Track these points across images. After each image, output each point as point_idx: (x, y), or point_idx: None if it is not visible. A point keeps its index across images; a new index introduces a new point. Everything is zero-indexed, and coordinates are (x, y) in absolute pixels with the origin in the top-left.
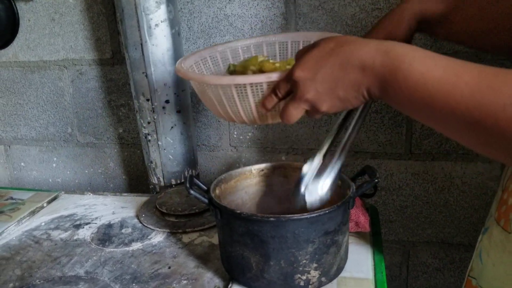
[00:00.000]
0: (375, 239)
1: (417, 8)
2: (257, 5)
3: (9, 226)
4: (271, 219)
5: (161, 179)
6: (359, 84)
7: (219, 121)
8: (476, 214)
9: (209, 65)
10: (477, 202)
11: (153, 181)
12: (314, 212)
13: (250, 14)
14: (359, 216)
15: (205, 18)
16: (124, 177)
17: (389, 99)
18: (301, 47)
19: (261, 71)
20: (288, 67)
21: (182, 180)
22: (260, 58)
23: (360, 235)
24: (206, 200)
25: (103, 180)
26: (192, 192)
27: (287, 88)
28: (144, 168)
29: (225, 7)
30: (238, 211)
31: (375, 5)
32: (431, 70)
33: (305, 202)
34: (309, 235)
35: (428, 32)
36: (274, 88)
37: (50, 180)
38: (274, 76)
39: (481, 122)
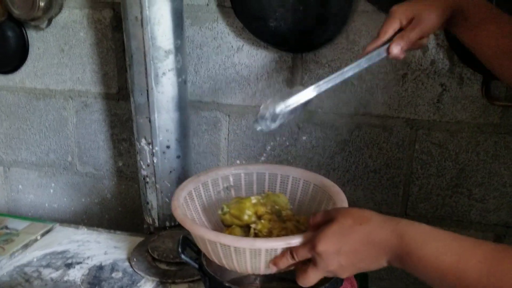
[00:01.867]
0: None
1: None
2: (265, 57)
3: (1, 260)
4: None
5: (156, 220)
6: (380, 259)
7: (218, 165)
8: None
9: (200, 194)
10: None
11: (148, 221)
12: None
13: (257, 65)
14: (347, 286)
15: (213, 65)
16: (120, 209)
17: (409, 271)
18: (278, 180)
19: (256, 215)
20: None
21: (177, 223)
22: (253, 201)
23: None
24: (196, 266)
25: (99, 211)
26: (183, 257)
27: (307, 257)
28: (140, 203)
29: (233, 55)
30: (227, 284)
31: (381, 69)
32: (443, 254)
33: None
34: None
35: (454, 28)
36: (291, 251)
37: (47, 205)
38: (293, 242)
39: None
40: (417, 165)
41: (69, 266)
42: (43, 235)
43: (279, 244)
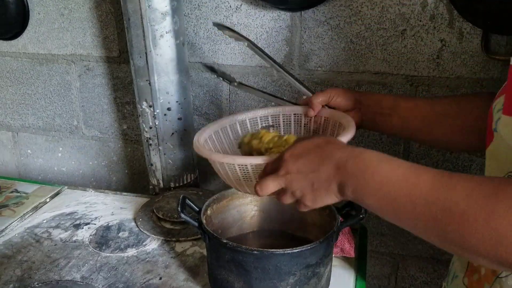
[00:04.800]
0: (359, 264)
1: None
2: (263, 16)
3: (12, 222)
4: (255, 252)
5: (161, 181)
6: (331, 179)
7: None
8: None
9: (228, 134)
10: None
11: (153, 182)
12: (297, 247)
13: (256, 24)
14: (344, 243)
15: (211, 25)
16: (126, 171)
17: (358, 196)
18: (312, 120)
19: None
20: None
21: (181, 183)
22: (265, 135)
23: (345, 258)
24: (196, 224)
25: (106, 173)
26: (183, 215)
27: (275, 166)
28: (146, 165)
29: (232, 15)
30: (224, 241)
31: (380, 25)
32: (395, 169)
33: None
34: (291, 268)
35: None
36: (266, 165)
37: (56, 169)
38: (258, 160)
39: (438, 217)
40: None
41: (77, 226)
42: (52, 197)
43: (246, 161)
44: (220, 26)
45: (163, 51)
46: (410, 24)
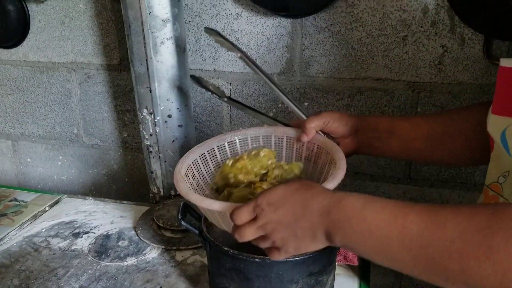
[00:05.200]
0: (363, 273)
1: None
2: (264, 23)
3: (10, 231)
4: (257, 259)
5: (161, 189)
6: (316, 228)
7: (221, 133)
8: None
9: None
10: None
11: (153, 190)
12: (300, 255)
13: (257, 31)
14: (347, 251)
15: None
16: (126, 180)
17: (348, 244)
18: (305, 146)
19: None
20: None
21: None
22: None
23: (348, 267)
24: (196, 231)
25: (106, 182)
26: (183, 223)
27: (250, 217)
28: (146, 173)
29: (233, 22)
30: (226, 248)
31: (381, 31)
32: (380, 212)
33: None
34: (293, 276)
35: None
36: (231, 213)
37: (55, 178)
38: (222, 207)
39: (436, 259)
40: None
41: (76, 235)
42: (51, 206)
43: (214, 206)
44: (211, 32)
45: (163, 58)
46: (411, 30)
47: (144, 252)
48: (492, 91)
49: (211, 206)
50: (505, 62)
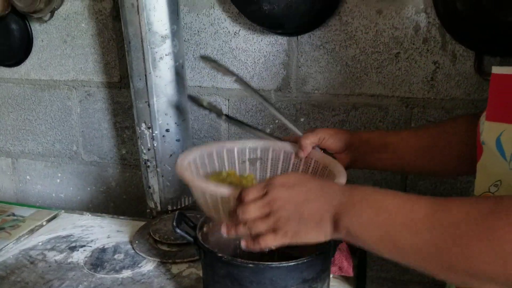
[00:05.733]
0: (358, 284)
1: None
2: (261, 40)
3: (7, 244)
4: (250, 265)
5: (158, 204)
6: (325, 210)
7: None
8: None
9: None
10: None
11: (151, 206)
12: (293, 260)
13: (254, 49)
14: (342, 261)
15: (211, 50)
16: (124, 197)
17: (353, 229)
18: (303, 161)
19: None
20: None
21: (179, 206)
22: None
23: (344, 279)
24: (191, 239)
25: (104, 199)
26: (178, 230)
27: (258, 194)
28: (144, 190)
29: (230, 40)
30: (220, 255)
31: (375, 48)
32: (391, 198)
33: None
34: (287, 282)
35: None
36: (241, 192)
37: (54, 195)
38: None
39: (440, 243)
40: None
41: (72, 249)
42: (48, 221)
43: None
44: (206, 59)
45: (162, 73)
46: (403, 47)
47: (139, 265)
48: (484, 106)
49: (218, 189)
50: (496, 70)
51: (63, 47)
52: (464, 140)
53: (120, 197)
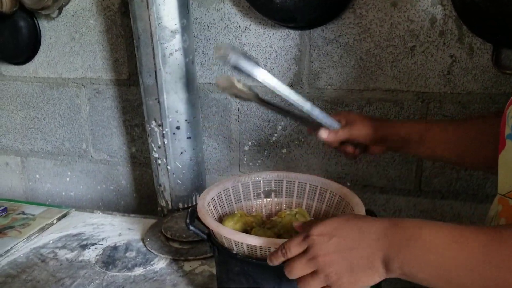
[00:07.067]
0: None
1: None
2: (272, 35)
3: (18, 243)
4: (265, 262)
5: (169, 202)
6: (374, 255)
7: (229, 147)
8: None
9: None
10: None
11: (161, 204)
12: None
13: (265, 44)
14: None
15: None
16: (135, 195)
17: (407, 269)
18: (317, 192)
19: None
20: None
21: (190, 204)
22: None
23: None
24: (205, 236)
25: (115, 197)
26: (191, 228)
27: (299, 250)
28: (154, 188)
29: (241, 35)
30: (234, 252)
31: (390, 42)
32: (438, 231)
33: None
34: None
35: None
36: (283, 245)
37: (63, 194)
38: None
39: (495, 274)
40: None
41: (84, 247)
42: (59, 219)
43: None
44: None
45: (172, 69)
46: (419, 40)
47: (152, 263)
48: (502, 100)
49: (255, 241)
50: None
51: (72, 44)
52: (494, 135)
53: (131, 195)
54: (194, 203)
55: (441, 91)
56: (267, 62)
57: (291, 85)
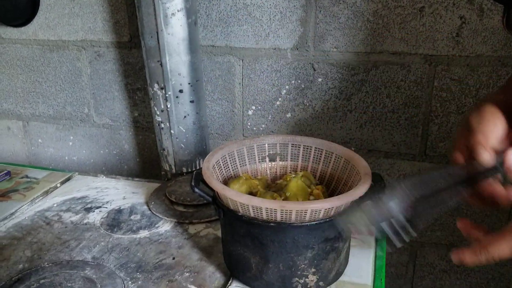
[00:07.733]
0: (379, 244)
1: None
2: None
3: (22, 206)
4: (271, 224)
5: (173, 166)
6: None
7: (233, 111)
8: (487, 219)
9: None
10: (489, 208)
11: (165, 168)
12: (314, 220)
13: (270, 4)
14: None
15: (224, 7)
16: (138, 159)
17: None
18: (323, 156)
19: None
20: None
21: (194, 169)
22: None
23: (364, 238)
24: (210, 199)
25: (118, 162)
26: (196, 190)
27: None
28: (157, 153)
29: None
30: (240, 213)
31: (398, 3)
32: None
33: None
34: (309, 241)
35: None
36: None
37: (66, 158)
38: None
39: None
40: (436, 103)
41: (88, 210)
42: (62, 183)
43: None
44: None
45: (174, 30)
46: (428, 1)
47: (156, 226)
48: (511, 63)
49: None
50: None
51: (71, 5)
52: None
53: (134, 160)
54: (197, 168)
55: (449, 54)
56: (271, 24)
57: (296, 48)
